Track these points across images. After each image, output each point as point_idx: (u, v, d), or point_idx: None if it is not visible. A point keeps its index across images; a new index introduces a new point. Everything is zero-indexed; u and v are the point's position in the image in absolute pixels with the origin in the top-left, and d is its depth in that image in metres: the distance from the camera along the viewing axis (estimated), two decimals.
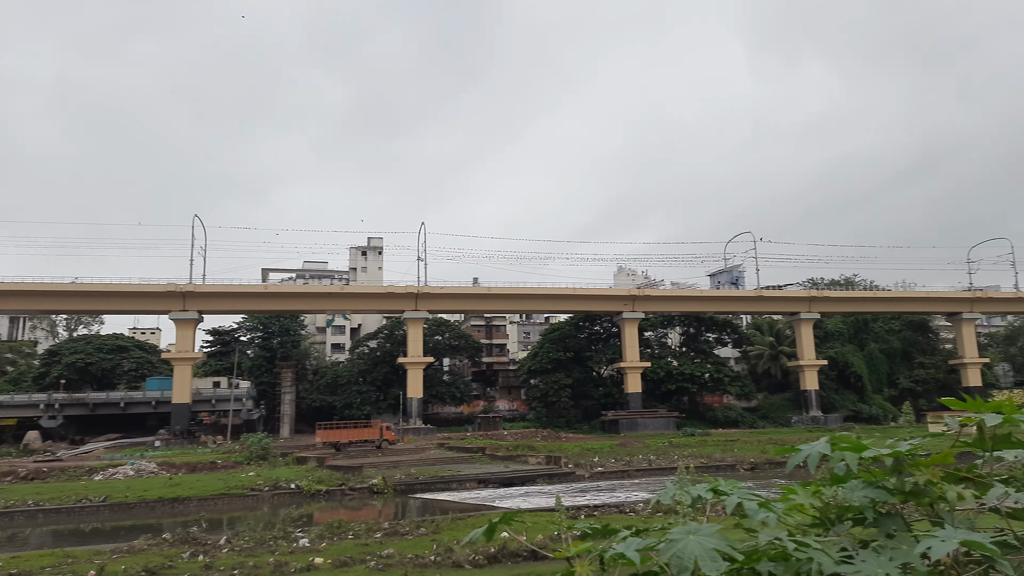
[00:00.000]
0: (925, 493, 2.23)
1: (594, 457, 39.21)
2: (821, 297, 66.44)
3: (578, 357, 67.34)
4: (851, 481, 2.32)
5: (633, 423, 58.67)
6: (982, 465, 2.62)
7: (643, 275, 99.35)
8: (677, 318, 71.79)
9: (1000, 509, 2.22)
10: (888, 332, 73.26)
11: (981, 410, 2.30)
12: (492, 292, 62.47)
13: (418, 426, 57.40)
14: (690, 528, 2.06)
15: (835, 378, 68.36)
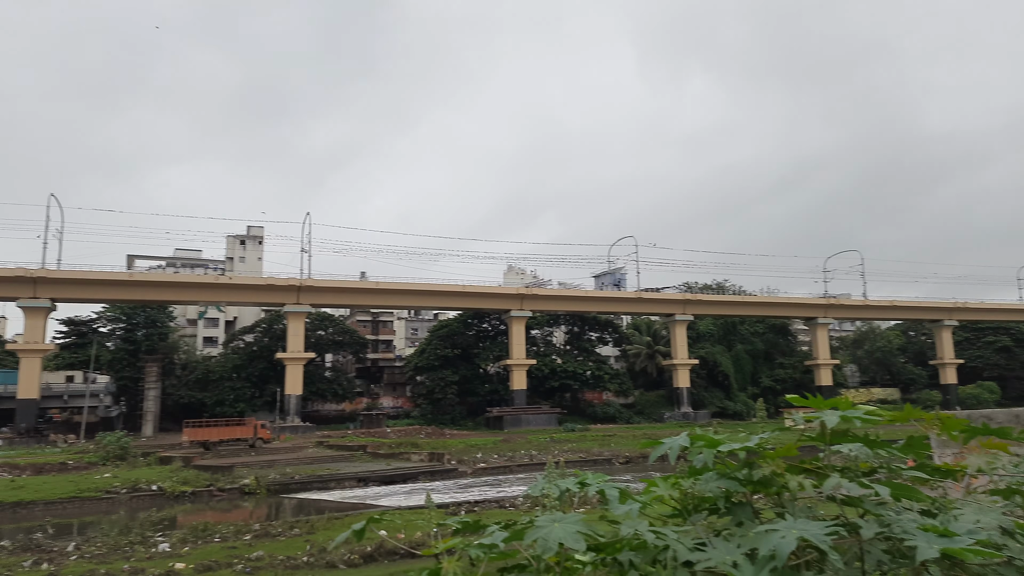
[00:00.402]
0: (771, 483, 2.38)
1: (478, 453, 39.45)
2: (695, 300, 70.36)
3: (466, 354, 67.50)
4: (707, 473, 2.43)
5: (517, 419, 59.59)
6: (823, 457, 2.83)
7: (532, 274, 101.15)
8: (563, 317, 73.63)
9: (836, 497, 2.40)
10: (753, 334, 78.73)
11: (822, 408, 2.48)
12: (380, 287, 61.36)
13: (296, 424, 55.43)
14: (555, 517, 2.09)
15: (705, 376, 72.61)
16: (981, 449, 2.81)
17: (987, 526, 2.12)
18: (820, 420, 2.55)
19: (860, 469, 2.54)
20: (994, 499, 2.91)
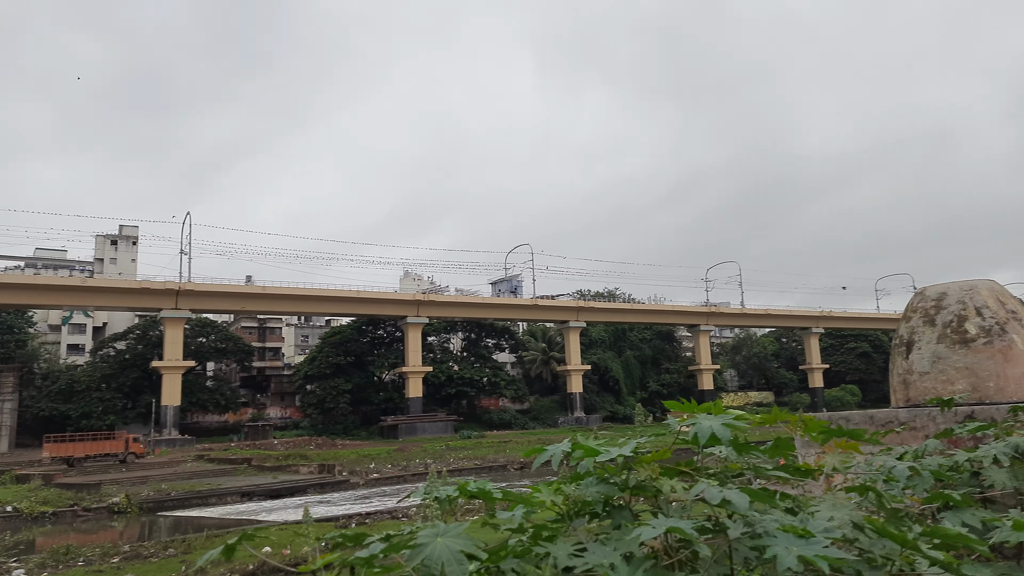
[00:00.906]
0: (647, 487, 2.45)
1: (371, 464, 38.60)
2: (588, 308, 72.31)
3: (359, 362, 65.93)
4: (587, 478, 2.47)
5: (412, 428, 58.81)
6: (697, 460, 2.94)
7: (429, 280, 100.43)
8: (460, 324, 73.53)
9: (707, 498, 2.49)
10: (642, 340, 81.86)
11: (695, 411, 2.57)
12: (268, 292, 58.83)
13: (174, 437, 52.04)
14: (437, 530, 2.04)
15: (597, 382, 74.70)
16: (836, 449, 3.02)
17: (840, 522, 2.27)
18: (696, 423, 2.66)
19: (729, 471, 2.67)
20: (849, 496, 3.14)
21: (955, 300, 5.16)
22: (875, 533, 2.47)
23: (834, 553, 1.97)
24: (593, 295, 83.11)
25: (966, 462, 3.84)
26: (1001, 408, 4.45)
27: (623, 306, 77.45)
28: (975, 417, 4.49)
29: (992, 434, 4.15)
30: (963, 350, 4.95)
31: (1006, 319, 5.00)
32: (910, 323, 5.31)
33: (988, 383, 4.91)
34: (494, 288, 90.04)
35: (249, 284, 61.71)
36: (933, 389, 5.03)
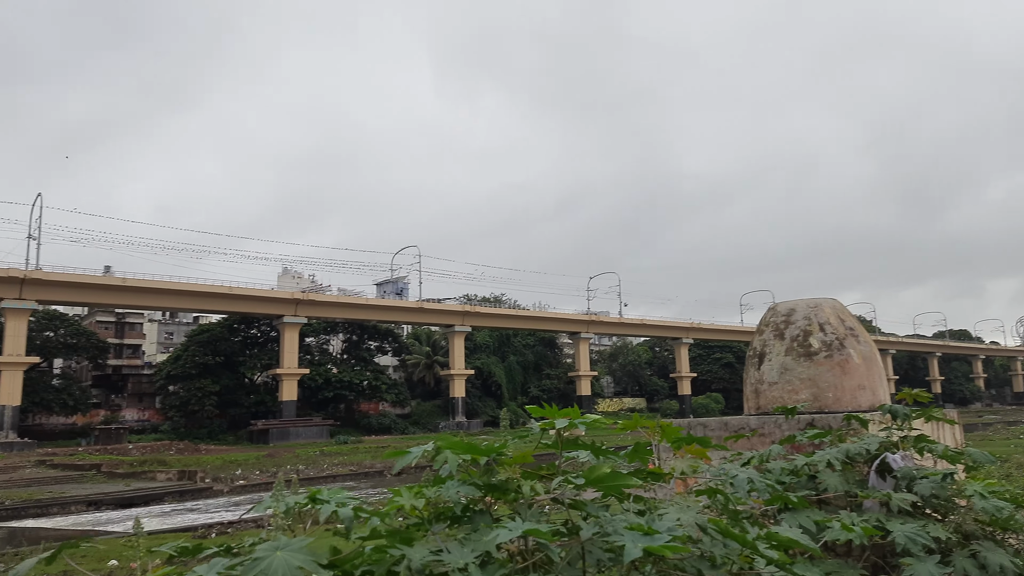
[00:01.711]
0: (508, 489, 2.46)
1: (237, 470, 36.65)
2: (474, 312, 72.59)
3: (230, 362, 62.49)
4: (449, 482, 2.45)
5: (285, 432, 56.45)
6: (558, 464, 2.99)
7: (310, 279, 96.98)
8: (341, 325, 71.53)
9: (564, 501, 2.54)
10: (525, 346, 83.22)
11: (556, 416, 2.61)
12: (128, 284, 54.52)
13: (12, 440, 47.06)
14: (278, 543, 1.93)
15: (480, 386, 75.11)
16: (686, 454, 3.17)
17: (686, 523, 2.38)
18: (556, 428, 2.70)
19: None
20: (699, 498, 3.31)
21: (802, 316, 5.60)
22: (719, 534, 2.61)
23: (678, 543, 2.06)
24: (480, 300, 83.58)
25: (804, 466, 4.16)
26: (837, 416, 4.86)
27: (509, 312, 78.42)
28: (815, 424, 4.88)
29: (828, 440, 4.52)
30: (807, 362, 5.39)
31: (845, 335, 5.49)
32: (763, 336, 5.71)
33: (828, 393, 5.36)
34: (379, 289, 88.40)
35: (107, 275, 56.85)
36: (780, 398, 5.43)
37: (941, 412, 4.62)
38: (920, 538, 3.27)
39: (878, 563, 3.64)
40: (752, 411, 5.70)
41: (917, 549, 3.23)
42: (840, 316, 5.59)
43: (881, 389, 5.46)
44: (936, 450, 3.94)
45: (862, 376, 5.33)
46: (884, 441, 3.99)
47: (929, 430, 5.36)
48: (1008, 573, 3.56)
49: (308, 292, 68.72)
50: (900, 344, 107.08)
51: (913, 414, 4.50)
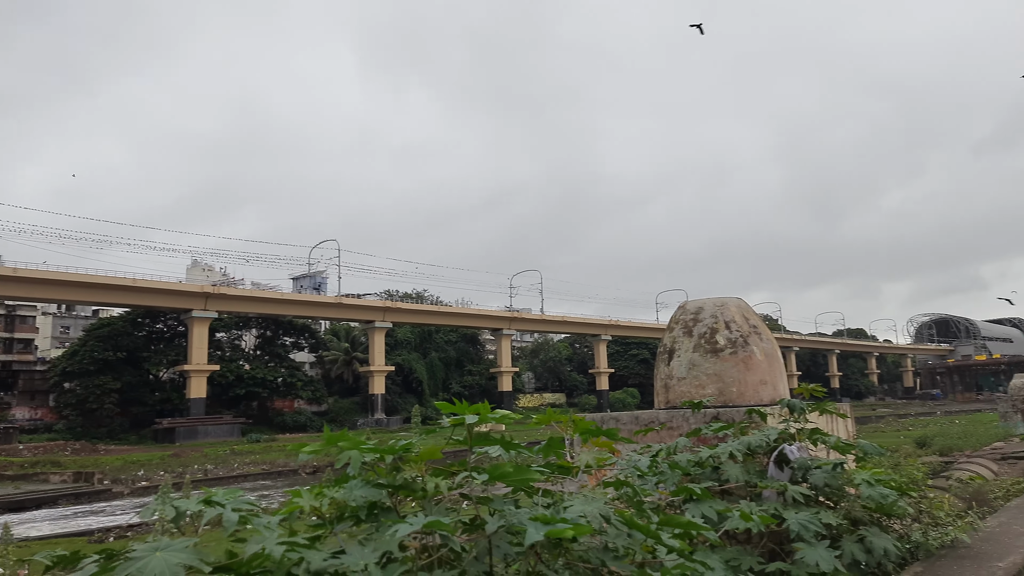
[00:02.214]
0: (414, 486, 2.41)
1: (140, 471, 34.85)
2: (395, 308, 71.67)
3: (133, 358, 59.20)
4: (351, 481, 2.38)
5: (193, 431, 54.03)
6: (468, 460, 2.96)
7: (222, 272, 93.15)
8: (255, 320, 69.07)
9: (471, 496, 2.52)
10: (447, 343, 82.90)
11: (466, 412, 2.59)
12: (18, 275, 50.70)
13: None
14: (158, 544, 1.82)
15: (400, 383, 74.29)
16: (592, 446, 3.22)
17: (590, 515, 2.41)
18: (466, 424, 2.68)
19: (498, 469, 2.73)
20: (606, 490, 3.36)
21: (709, 314, 5.81)
22: (624, 524, 2.66)
23: (577, 547, 2.09)
24: (401, 296, 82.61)
25: (709, 458, 4.31)
26: (741, 410, 5.07)
27: (431, 308, 77.88)
28: (720, 418, 5.07)
29: (731, 433, 4.70)
30: (713, 359, 5.60)
31: (749, 333, 5.73)
32: (672, 333, 5.90)
33: (732, 388, 5.59)
34: (296, 284, 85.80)
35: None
36: (688, 393, 5.61)
37: (834, 406, 4.89)
38: (812, 525, 3.44)
39: (775, 550, 3.81)
40: (662, 405, 5.88)
41: (809, 535, 3.40)
42: (744, 315, 5.83)
43: (781, 384, 5.75)
44: (829, 441, 4.17)
45: (764, 372, 5.58)
46: (782, 433, 4.19)
47: (824, 423, 5.68)
48: (891, 556, 3.81)
49: (219, 285, 65.99)
50: (803, 342, 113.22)
51: (809, 408, 4.75)
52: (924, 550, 4.54)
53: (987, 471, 13.26)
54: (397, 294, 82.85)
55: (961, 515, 5.86)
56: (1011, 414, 32.95)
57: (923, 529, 4.73)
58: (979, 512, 7.28)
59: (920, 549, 4.48)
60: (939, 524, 4.87)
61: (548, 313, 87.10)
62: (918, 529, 4.67)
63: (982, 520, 6.23)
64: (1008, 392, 35.45)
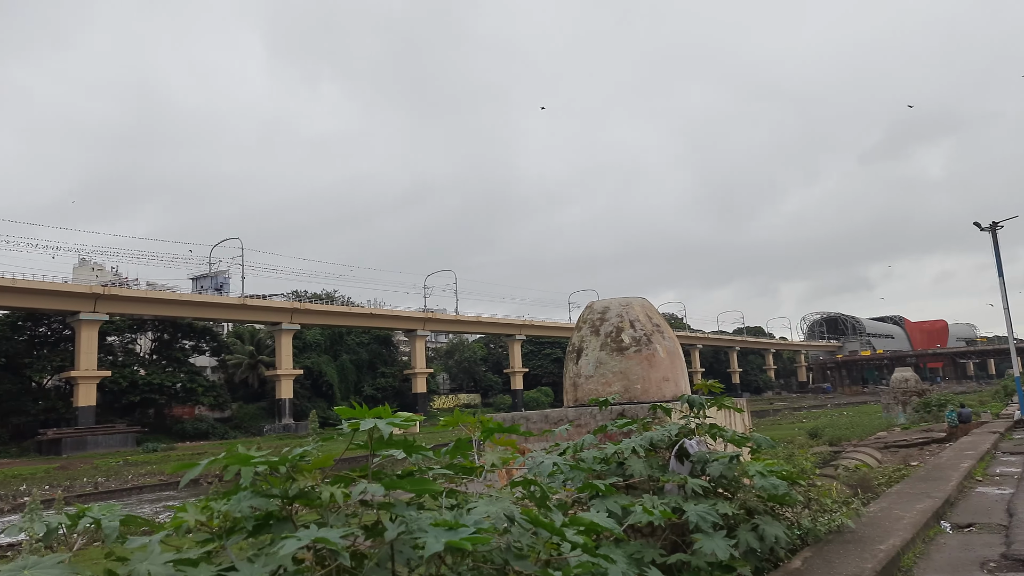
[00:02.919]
0: (310, 495, 2.32)
1: (22, 485, 32.19)
2: (304, 309, 69.53)
3: (12, 364, 54.66)
4: (240, 492, 2.26)
5: (82, 442, 50.41)
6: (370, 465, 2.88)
7: (113, 271, 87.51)
8: (150, 322, 65.25)
9: (372, 503, 2.44)
10: (359, 344, 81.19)
11: (365, 416, 2.51)
12: None
13: None
14: (26, 563, 1.67)
15: (309, 387, 72.13)
16: (495, 446, 3.20)
17: (493, 515, 2.39)
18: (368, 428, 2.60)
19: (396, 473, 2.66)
20: (514, 490, 3.35)
21: (615, 314, 5.95)
22: (529, 523, 2.65)
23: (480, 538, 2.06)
24: (310, 297, 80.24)
25: (614, 454, 4.39)
26: (645, 406, 5.21)
27: (342, 309, 76.04)
28: (625, 415, 5.19)
29: (635, 429, 4.81)
30: (619, 357, 5.73)
31: (652, 331, 5.91)
32: (580, 332, 6.00)
33: (637, 385, 5.75)
34: (195, 284, 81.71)
35: None
36: (596, 390, 5.73)
37: (731, 401, 5.10)
38: (710, 516, 3.57)
39: (676, 541, 3.93)
40: (571, 403, 5.96)
41: (707, 526, 3.53)
42: (648, 314, 6.01)
43: (683, 381, 5.96)
44: (726, 435, 4.34)
45: (667, 369, 5.76)
46: (683, 428, 4.33)
47: (723, 417, 5.92)
48: (782, 542, 4.01)
49: (110, 286, 61.94)
50: (706, 340, 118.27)
51: (708, 403, 4.93)
52: (813, 536, 4.81)
53: (872, 459, 14.25)
54: (306, 295, 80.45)
55: (848, 502, 6.25)
56: (892, 405, 35.64)
57: (812, 516, 5.01)
58: (864, 498, 7.81)
59: (810, 535, 4.74)
60: (827, 511, 5.17)
61: (463, 314, 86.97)
62: (808, 516, 4.94)
63: (866, 506, 6.67)
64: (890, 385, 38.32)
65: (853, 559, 4.30)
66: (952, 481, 8.51)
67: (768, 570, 4.16)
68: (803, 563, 4.16)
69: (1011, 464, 11.53)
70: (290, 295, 77.90)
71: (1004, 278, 25.11)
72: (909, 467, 11.59)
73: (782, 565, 4.17)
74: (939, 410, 26.31)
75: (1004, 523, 6.53)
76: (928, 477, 9.06)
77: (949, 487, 8.03)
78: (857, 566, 4.12)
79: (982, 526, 6.46)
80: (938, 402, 29.08)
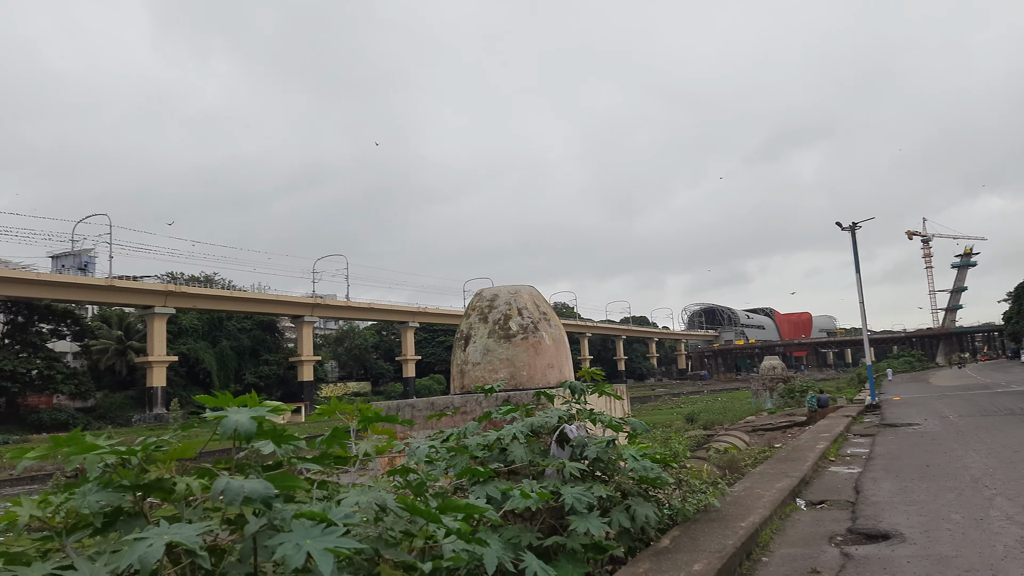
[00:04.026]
0: (163, 486, 2.17)
1: None
2: (180, 292, 65.46)
3: None
4: (85, 485, 2.08)
5: None
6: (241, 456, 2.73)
7: None
8: (2, 304, 59.25)
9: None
10: (240, 330, 77.51)
11: (230, 405, 2.37)
12: None
13: None
14: None
15: (185, 375, 68.17)
16: (371, 434, 3.13)
17: (364, 505, 2.33)
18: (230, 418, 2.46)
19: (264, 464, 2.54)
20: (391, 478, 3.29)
21: (504, 301, 5.99)
22: (405, 510, 2.61)
23: (346, 544, 1.99)
24: (188, 279, 75.61)
25: (496, 440, 4.42)
26: (530, 393, 5.28)
27: (222, 293, 72.19)
28: (510, 401, 5.24)
29: (519, 415, 4.86)
30: (507, 344, 5.78)
31: (539, 319, 6.00)
32: (469, 320, 5.99)
33: (523, 372, 5.82)
34: (56, 263, 74.86)
35: None
36: (483, 377, 5.75)
37: (611, 387, 5.27)
38: (585, 498, 3.67)
39: (554, 524, 4.01)
40: (458, 390, 5.95)
41: (582, 508, 3.62)
42: (536, 301, 6.09)
43: (567, 367, 6.10)
44: (604, 420, 4.48)
45: (552, 356, 5.88)
46: (564, 414, 4.42)
47: (604, 403, 6.11)
48: (651, 522, 4.19)
49: None
50: (595, 328, 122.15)
51: (590, 389, 5.07)
52: (683, 515, 5.07)
53: (741, 442, 15.23)
54: (183, 277, 75.73)
55: (715, 482, 6.64)
56: (761, 391, 38.31)
57: (683, 496, 5.28)
58: (731, 478, 8.33)
59: (679, 514, 4.99)
60: (696, 491, 5.47)
61: (355, 300, 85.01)
62: (678, 497, 5.20)
63: (731, 486, 7.12)
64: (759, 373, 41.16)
65: (717, 536, 4.57)
66: (808, 462, 9.24)
67: (640, 549, 4.35)
68: (671, 541, 4.38)
69: (860, 445, 12.69)
70: (165, 277, 73.04)
71: (860, 275, 27.51)
72: (773, 449, 12.48)
73: (652, 544, 4.36)
74: (801, 396, 28.51)
75: (852, 500, 7.17)
76: (788, 458, 9.80)
77: (805, 467, 8.72)
78: (720, 543, 4.38)
79: (832, 503, 7.06)
80: (801, 388, 31.52)
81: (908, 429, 15.25)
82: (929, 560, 4.67)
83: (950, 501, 6.72)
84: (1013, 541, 5.05)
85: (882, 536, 5.48)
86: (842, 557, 4.86)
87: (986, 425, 14.78)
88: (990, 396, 25.43)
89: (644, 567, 3.84)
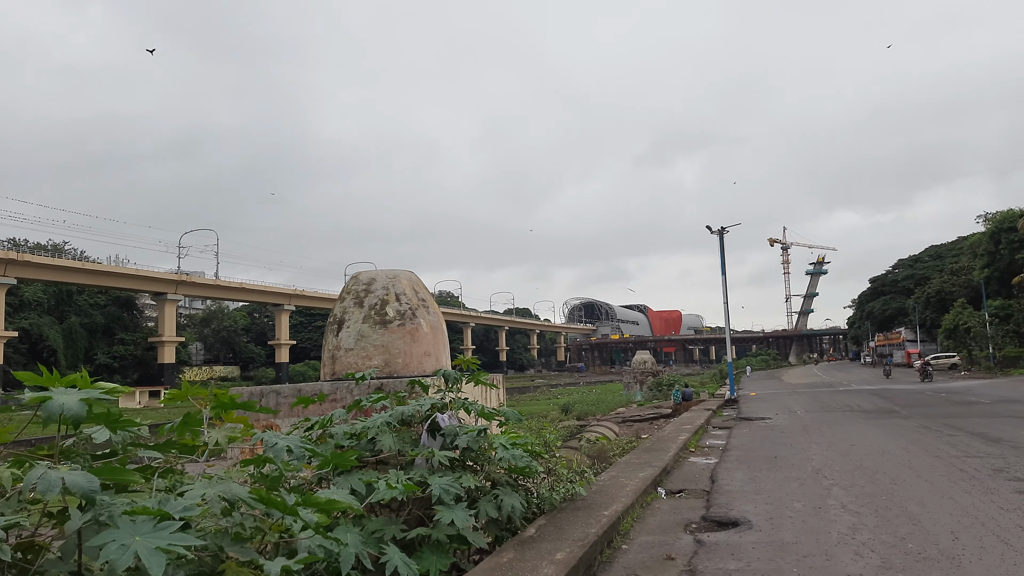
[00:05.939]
0: None
1: None
2: (22, 261, 59.16)
3: None
4: None
5: None
6: (69, 442, 2.46)
7: None
8: None
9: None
10: (93, 306, 71.33)
11: (57, 385, 2.12)
12: None
13: None
14: None
15: (27, 352, 61.93)
16: (224, 423, 2.93)
17: (210, 498, 2.15)
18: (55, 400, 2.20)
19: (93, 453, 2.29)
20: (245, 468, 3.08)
21: (381, 286, 5.82)
22: (260, 503, 2.44)
23: (181, 540, 1.82)
24: (32, 247, 68.52)
25: (363, 429, 4.28)
26: (404, 381, 5.16)
27: (73, 264, 65.98)
28: (384, 389, 5.10)
29: (390, 404, 4.74)
30: (382, 330, 5.62)
31: (417, 305, 5.88)
32: (343, 304, 5.77)
33: (398, 359, 5.69)
34: None
35: None
36: (355, 364, 5.56)
37: (486, 377, 5.26)
38: (453, 488, 3.62)
39: (421, 516, 3.93)
40: (328, 377, 5.72)
41: (449, 498, 3.57)
42: (415, 288, 5.97)
43: (444, 356, 6.03)
44: (476, 409, 4.46)
45: (429, 344, 5.78)
46: (436, 402, 4.35)
47: (479, 392, 6.10)
48: (517, 512, 4.22)
49: None
50: (479, 318, 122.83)
51: (465, 379, 5.03)
52: (550, 504, 5.16)
53: (611, 432, 15.80)
54: (26, 244, 68.58)
55: (583, 472, 6.81)
56: (632, 384, 40.07)
57: (551, 486, 5.36)
58: (599, 468, 8.61)
59: (546, 503, 5.07)
60: (564, 480, 5.58)
61: (225, 279, 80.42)
62: (547, 486, 5.28)
63: (599, 475, 7.35)
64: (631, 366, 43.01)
65: (581, 524, 4.68)
66: (670, 452, 9.73)
67: (507, 538, 4.36)
68: (537, 530, 4.43)
69: (718, 437, 13.55)
70: (6, 243, 65.79)
71: (726, 277, 29.36)
72: (639, 439, 13.06)
73: (519, 533, 4.39)
74: (669, 389, 30.06)
75: (707, 489, 7.62)
76: (652, 448, 10.28)
77: (667, 457, 9.17)
78: (583, 531, 4.49)
79: (690, 492, 7.47)
80: (668, 382, 33.24)
81: (761, 423, 16.46)
82: (772, 546, 5.03)
83: (793, 491, 7.30)
84: (846, 528, 5.55)
85: (732, 523, 5.85)
86: (695, 544, 5.13)
87: (828, 420, 16.22)
88: (832, 394, 28.02)
89: (508, 556, 3.86)
